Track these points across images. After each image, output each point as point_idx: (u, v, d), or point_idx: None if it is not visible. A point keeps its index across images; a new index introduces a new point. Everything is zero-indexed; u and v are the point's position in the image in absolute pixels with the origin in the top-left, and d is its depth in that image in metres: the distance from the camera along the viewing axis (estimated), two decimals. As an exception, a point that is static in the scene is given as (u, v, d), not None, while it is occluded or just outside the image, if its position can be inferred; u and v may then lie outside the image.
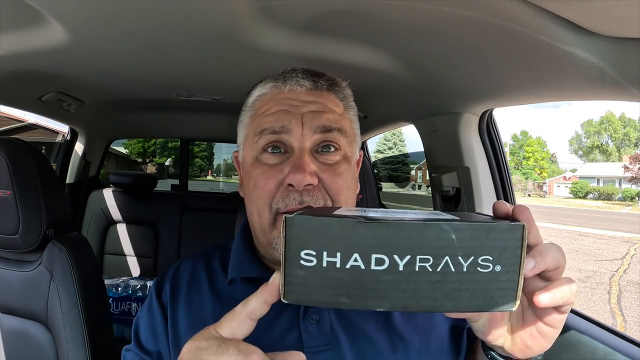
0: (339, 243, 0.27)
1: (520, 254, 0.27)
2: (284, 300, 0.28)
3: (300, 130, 0.49)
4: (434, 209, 1.25)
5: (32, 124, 8.62)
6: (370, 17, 0.61)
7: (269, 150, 0.50)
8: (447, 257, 0.26)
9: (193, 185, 2.51)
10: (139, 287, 1.62)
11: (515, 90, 0.77)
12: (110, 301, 1.56)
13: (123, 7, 0.60)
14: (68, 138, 1.84)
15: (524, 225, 0.27)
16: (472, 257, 0.26)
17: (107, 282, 1.60)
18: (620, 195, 28.97)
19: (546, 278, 0.32)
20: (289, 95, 0.52)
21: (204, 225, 1.97)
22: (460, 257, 0.26)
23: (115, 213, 1.95)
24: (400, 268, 0.26)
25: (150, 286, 1.60)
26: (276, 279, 0.30)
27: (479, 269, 0.27)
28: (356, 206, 0.54)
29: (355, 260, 0.26)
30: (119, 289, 1.61)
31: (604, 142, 42.04)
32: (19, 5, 0.59)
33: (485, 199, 1.01)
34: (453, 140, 1.01)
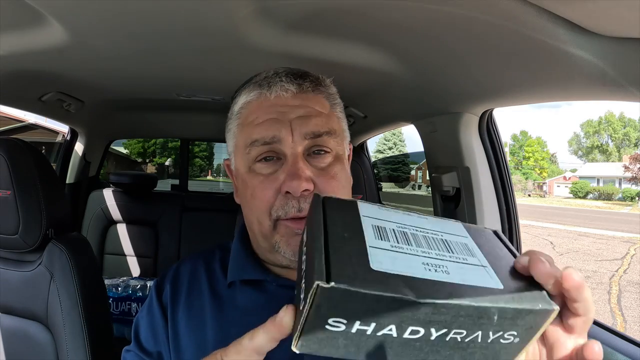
0: (377, 316, 0.24)
1: (541, 330, 0.27)
2: (294, 350, 0.26)
3: (291, 137, 0.49)
4: (434, 209, 1.25)
5: (32, 124, 8.62)
6: (371, 17, 0.61)
7: (262, 160, 0.50)
8: (480, 332, 0.26)
9: (193, 185, 2.51)
10: (139, 287, 1.62)
11: (515, 90, 0.77)
12: (110, 301, 1.56)
13: (123, 7, 0.60)
14: (68, 138, 1.84)
15: (557, 309, 0.27)
16: (501, 332, 0.26)
17: (107, 282, 1.61)
18: (620, 195, 28.97)
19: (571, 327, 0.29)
20: (276, 101, 0.51)
21: (204, 225, 1.97)
22: (491, 332, 0.26)
23: (115, 213, 1.95)
24: (432, 337, 0.26)
25: (150, 286, 1.60)
26: (286, 317, 0.28)
27: (501, 340, 0.27)
28: None
29: (390, 330, 0.25)
30: (119, 289, 1.61)
31: (603, 142, 42.05)
32: (19, 5, 0.59)
33: (485, 199, 1.01)
34: (453, 140, 1.01)
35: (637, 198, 27.51)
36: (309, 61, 0.79)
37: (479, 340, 0.26)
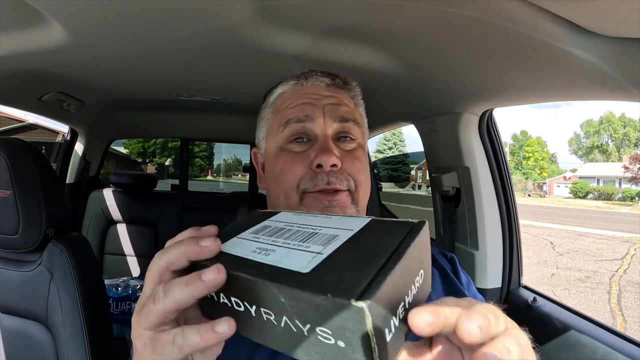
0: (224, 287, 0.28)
1: (369, 339, 0.21)
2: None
3: (322, 119, 0.54)
4: (434, 209, 1.25)
5: (32, 124, 8.62)
6: (371, 17, 0.61)
7: (294, 140, 0.55)
8: (284, 317, 0.24)
9: (193, 185, 2.51)
10: (139, 287, 1.62)
11: (515, 90, 0.77)
12: (110, 301, 1.56)
13: (123, 7, 0.60)
14: (68, 138, 1.84)
15: (365, 309, 0.20)
16: (309, 325, 0.23)
17: (107, 282, 1.60)
18: (620, 195, 28.96)
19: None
20: (311, 90, 0.57)
21: (204, 226, 1.96)
22: (297, 321, 0.24)
23: (115, 213, 1.95)
24: (253, 313, 0.26)
25: (150, 286, 1.60)
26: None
27: (319, 337, 0.23)
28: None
29: (221, 297, 0.28)
30: (119, 289, 1.61)
31: (603, 142, 42.03)
32: (19, 5, 0.59)
33: (485, 199, 1.01)
34: (453, 140, 1.01)
35: (637, 198, 27.50)
36: (309, 61, 0.79)
37: (294, 329, 0.24)
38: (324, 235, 0.30)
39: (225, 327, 0.26)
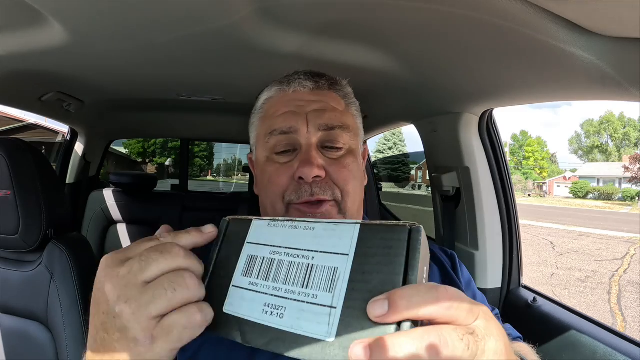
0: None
1: None
2: None
3: (306, 128, 0.53)
4: (434, 209, 1.25)
5: (32, 124, 8.62)
6: (371, 17, 0.61)
7: (280, 151, 0.54)
8: None
9: (193, 185, 2.51)
10: (139, 287, 1.62)
11: (515, 90, 0.77)
12: (110, 301, 1.55)
13: (123, 7, 0.60)
14: (68, 138, 1.84)
15: None
16: None
17: (107, 282, 1.60)
18: (620, 195, 28.95)
19: None
20: (294, 96, 0.56)
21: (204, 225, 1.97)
22: None
23: (115, 213, 1.95)
24: None
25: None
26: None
27: None
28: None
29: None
30: (119, 289, 1.61)
31: (604, 142, 42.02)
32: (19, 5, 0.59)
33: (485, 199, 1.01)
34: (453, 140, 1.01)
35: (637, 198, 27.49)
36: (309, 62, 0.79)
37: None
38: (322, 271, 0.28)
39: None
